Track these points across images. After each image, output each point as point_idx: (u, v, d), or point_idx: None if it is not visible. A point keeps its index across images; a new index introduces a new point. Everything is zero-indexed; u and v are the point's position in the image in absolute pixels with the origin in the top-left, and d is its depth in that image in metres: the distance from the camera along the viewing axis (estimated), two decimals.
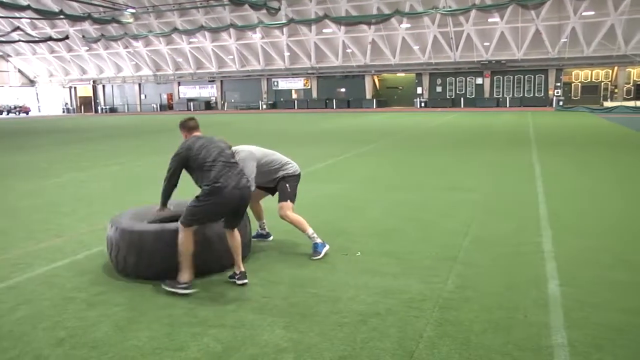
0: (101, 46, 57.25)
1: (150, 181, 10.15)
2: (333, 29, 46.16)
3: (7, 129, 31.27)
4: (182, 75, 58.57)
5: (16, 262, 5.22)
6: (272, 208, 5.68)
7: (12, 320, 3.85)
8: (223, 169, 4.34)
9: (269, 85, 55.08)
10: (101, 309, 4.01)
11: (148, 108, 60.90)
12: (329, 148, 15.40)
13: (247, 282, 4.45)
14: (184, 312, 3.90)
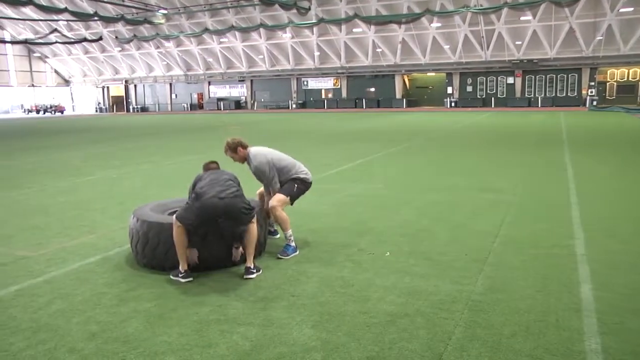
0: (133, 47, 58.25)
1: (181, 179, 10.28)
2: (363, 28, 46.04)
3: (44, 128, 32.05)
4: (213, 75, 59.16)
5: (51, 258, 5.35)
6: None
7: (48, 314, 3.95)
8: (210, 182, 4.71)
9: (299, 84, 55.24)
10: (132, 305, 4.07)
11: (179, 107, 61.71)
12: (359, 148, 15.36)
13: (254, 277, 4.62)
14: (213, 310, 3.94)
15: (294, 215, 6.86)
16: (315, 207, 7.50)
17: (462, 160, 12.42)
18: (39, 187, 9.81)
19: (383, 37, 46.75)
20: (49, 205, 8.08)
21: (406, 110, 44.47)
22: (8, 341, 3.53)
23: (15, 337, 3.59)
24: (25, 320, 3.84)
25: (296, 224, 6.22)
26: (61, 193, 9.20)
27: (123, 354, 3.30)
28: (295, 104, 54.57)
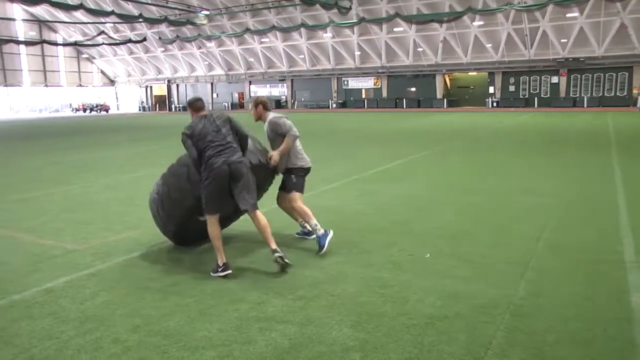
0: (176, 47, 59.32)
1: None
2: (404, 27, 45.66)
3: (90, 126, 32.98)
4: (254, 74, 59.71)
5: (97, 252, 5.52)
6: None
7: (95, 305, 4.09)
8: (213, 153, 4.80)
9: (339, 84, 55.18)
10: (174, 300, 4.16)
11: (220, 107, 62.49)
12: (399, 148, 15.26)
13: (286, 261, 4.76)
14: (252, 307, 3.98)
15: (335, 214, 6.88)
16: (355, 206, 7.50)
17: (503, 161, 12.19)
18: (85, 184, 10.10)
19: (424, 36, 46.25)
20: (95, 201, 8.31)
21: (447, 111, 43.90)
22: (59, 329, 3.68)
23: (65, 325, 3.73)
24: (74, 311, 3.98)
25: (336, 223, 6.24)
26: (106, 189, 9.46)
27: (165, 347, 3.37)
28: (335, 104, 54.55)
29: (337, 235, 5.88)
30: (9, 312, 4.00)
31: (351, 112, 44.69)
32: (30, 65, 62.80)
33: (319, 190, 8.78)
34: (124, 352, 3.33)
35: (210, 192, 4.75)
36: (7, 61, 60.05)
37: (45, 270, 4.97)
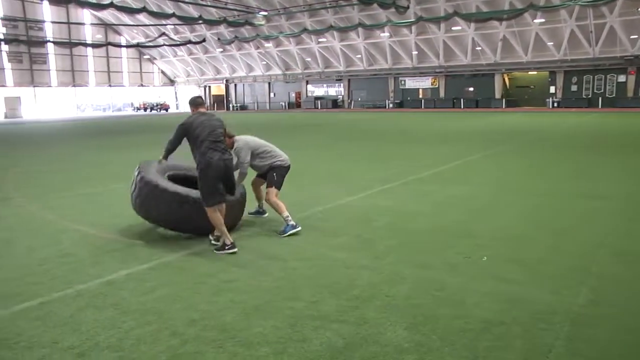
0: (234, 47, 60.38)
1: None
2: (462, 26, 44.78)
3: (150, 124, 34.05)
4: (311, 74, 60.05)
5: (156, 247, 5.69)
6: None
7: (154, 298, 4.22)
8: (210, 146, 5.45)
9: (396, 84, 54.70)
10: (230, 296, 4.24)
11: (276, 106, 63.26)
12: (457, 148, 15.00)
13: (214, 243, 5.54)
14: (307, 306, 4.01)
15: (391, 214, 6.85)
16: (412, 207, 7.43)
17: (565, 163, 11.77)
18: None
19: (483, 34, 45.20)
20: None
21: (505, 111, 42.76)
22: (120, 320, 3.83)
23: (126, 316, 3.87)
24: (134, 303, 4.13)
25: (392, 224, 6.23)
26: None
27: (220, 342, 3.45)
28: (392, 104, 54.12)
29: (394, 236, 5.87)
30: (76, 301, 4.20)
31: (408, 112, 44.24)
32: (96, 66, 65.53)
33: (376, 190, 8.75)
34: (182, 345, 3.43)
35: (209, 185, 5.42)
36: (75, 63, 62.88)
37: (107, 262, 5.17)
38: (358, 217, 6.85)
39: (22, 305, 4.14)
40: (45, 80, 60.46)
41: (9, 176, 11.63)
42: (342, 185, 9.31)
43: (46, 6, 55.51)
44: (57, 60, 61.41)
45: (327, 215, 7.08)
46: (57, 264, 5.16)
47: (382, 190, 8.79)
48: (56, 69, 61.69)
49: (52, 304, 4.15)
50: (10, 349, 3.43)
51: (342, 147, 16.50)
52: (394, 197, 8.23)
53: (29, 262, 5.25)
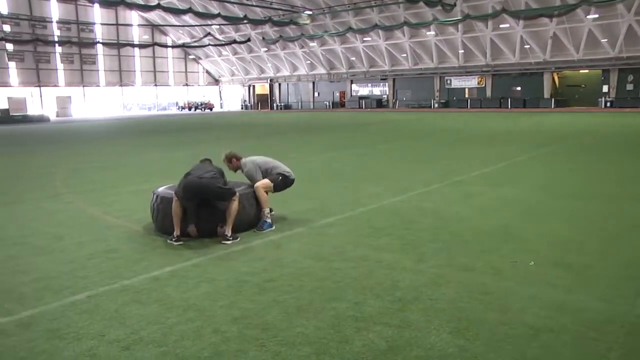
0: (279, 47, 60.89)
1: (325, 177, 10.62)
2: (511, 23, 43.79)
3: (195, 123, 34.69)
4: (355, 73, 59.97)
5: (199, 245, 5.79)
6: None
7: (196, 295, 4.30)
8: (196, 167, 6.30)
9: (442, 83, 54.06)
10: (272, 295, 4.27)
11: (321, 105, 63.43)
12: (504, 149, 14.70)
13: (229, 244, 5.74)
14: (349, 307, 4.00)
15: (434, 217, 6.78)
16: (457, 209, 7.32)
17: (615, 166, 11.37)
18: None
19: (532, 32, 44.06)
20: None
21: (555, 111, 41.59)
22: (164, 315, 3.92)
23: (170, 312, 3.96)
24: (177, 299, 4.21)
25: (435, 226, 6.17)
26: None
27: (262, 341, 3.48)
28: (437, 103, 53.51)
29: (438, 238, 5.81)
30: (121, 295, 4.32)
31: (454, 112, 43.63)
32: (142, 66, 67.25)
33: (420, 191, 8.67)
34: (224, 342, 3.48)
35: (181, 190, 5.96)
36: (123, 63, 64.74)
37: (152, 259, 5.30)
38: (402, 218, 6.80)
39: (72, 297, 4.29)
40: (94, 80, 62.51)
41: (60, 173, 12.05)
42: (386, 186, 9.26)
43: (97, 9, 57.36)
44: (105, 60, 63.42)
45: (371, 215, 7.05)
46: (104, 259, 5.32)
47: (426, 191, 8.70)
48: (104, 69, 63.72)
49: (99, 297, 4.29)
50: (62, 339, 3.56)
51: (386, 147, 16.41)
52: (438, 198, 8.13)
53: (78, 257, 5.43)
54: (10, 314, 4.00)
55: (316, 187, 9.36)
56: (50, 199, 8.93)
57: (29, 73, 57.07)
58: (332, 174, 10.92)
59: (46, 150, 18.47)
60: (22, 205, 8.35)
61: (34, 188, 10.05)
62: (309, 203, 7.93)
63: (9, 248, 5.87)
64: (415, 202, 7.89)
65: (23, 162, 15.00)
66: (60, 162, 14.53)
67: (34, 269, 5.07)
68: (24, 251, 5.74)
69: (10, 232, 6.63)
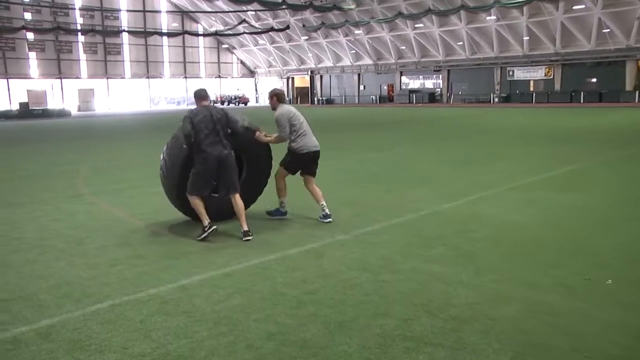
0: (321, 35, 61.19)
1: (370, 179, 10.61)
2: (586, 4, 42.62)
3: None
4: (405, 64, 59.72)
5: (232, 251, 5.88)
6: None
7: (228, 307, 4.35)
8: (210, 140, 6.33)
9: (503, 75, 53.22)
10: (311, 309, 4.29)
11: (366, 100, 63.38)
12: (573, 151, 14.38)
13: (251, 239, 6.25)
14: (398, 324, 3.98)
15: (491, 225, 6.70)
16: (516, 217, 7.20)
17: None
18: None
19: (613, 13, 42.54)
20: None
21: (638, 106, 40.33)
22: (193, 329, 3.97)
23: (199, 326, 4.02)
24: (207, 311, 4.27)
25: (493, 235, 6.09)
26: None
27: (301, 359, 3.49)
28: (497, 97, 52.73)
29: (497, 249, 5.72)
30: (147, 306, 4.40)
31: (516, 108, 42.86)
32: (171, 56, 68.65)
33: (476, 196, 8.57)
34: (258, 359, 3.51)
35: (197, 178, 6.36)
36: (150, 53, 66.19)
37: (180, 266, 5.39)
38: (456, 227, 6.73)
39: (94, 306, 4.40)
40: (118, 71, 64.11)
41: (81, 172, 12.40)
42: (438, 190, 9.19)
43: None
44: (131, 50, 64.99)
45: (421, 223, 7.00)
46: (128, 266, 5.44)
47: (483, 196, 8.59)
48: (130, 60, 65.30)
49: (123, 307, 4.38)
50: (83, 351, 3.66)
51: (439, 146, 16.27)
52: (497, 204, 8.02)
53: (100, 262, 5.58)
54: (29, 323, 4.13)
55: (360, 190, 9.35)
56: (71, 199, 9.19)
57: (49, 64, 59.01)
58: (377, 176, 10.89)
59: (67, 147, 19.06)
60: (41, 206, 8.62)
61: (53, 188, 10.37)
62: (352, 208, 7.93)
63: (27, 251, 6.07)
64: (471, 208, 7.80)
65: (42, 160, 15.52)
66: (82, 159, 14.95)
67: (54, 275, 5.22)
68: (43, 255, 5.92)
69: (29, 234, 6.85)
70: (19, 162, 15.01)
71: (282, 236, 6.48)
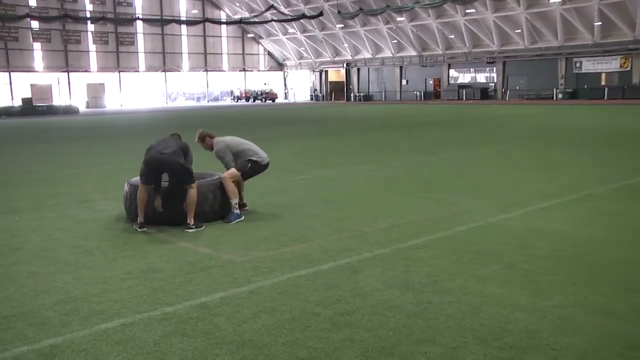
0: (358, 22, 61.24)
1: (414, 185, 10.61)
2: None
3: (255, 118, 35.42)
4: (454, 55, 59.47)
5: (257, 265, 5.91)
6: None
7: (253, 329, 4.38)
8: (159, 142, 7.76)
9: (569, 67, 52.53)
10: (347, 332, 4.28)
11: (409, 96, 63.26)
12: None
13: (192, 232, 7.26)
14: (445, 352, 3.95)
15: (557, 240, 6.62)
16: (588, 231, 7.11)
17: None
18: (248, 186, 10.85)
19: None
20: (258, 206, 8.89)
21: None
22: (213, 352, 4.01)
23: (220, 349, 4.05)
24: (230, 333, 4.30)
25: (558, 252, 6.00)
26: (270, 193, 10.07)
27: None
28: (561, 93, 52.08)
29: (562, 269, 5.65)
30: (162, 325, 4.45)
31: (584, 105, 42.30)
32: (190, 47, 69.45)
33: (537, 206, 8.48)
34: None
35: (143, 170, 7.46)
36: (167, 44, 67.07)
37: (199, 282, 5.44)
38: (513, 242, 6.67)
39: (103, 325, 4.47)
40: (132, 64, 65.10)
41: (90, 175, 12.62)
42: (493, 199, 9.12)
43: None
44: (145, 40, 65.95)
45: (473, 236, 6.95)
46: (141, 280, 5.51)
47: (545, 207, 8.50)
48: (144, 51, 66.25)
49: (135, 326, 4.44)
50: None
51: (493, 149, 16.15)
52: (562, 216, 7.91)
53: (110, 276, 5.66)
54: (30, 342, 4.21)
55: (402, 199, 9.33)
56: (79, 205, 9.37)
57: (56, 56, 60.28)
58: (423, 182, 10.85)
59: (74, 148, 19.43)
60: (46, 213, 8.80)
61: (60, 192, 10.58)
62: (393, 218, 7.91)
63: (30, 263, 6.20)
64: (532, 220, 7.72)
65: (47, 162, 15.84)
66: (92, 162, 15.22)
67: (59, 289, 5.32)
68: (48, 267, 6.04)
69: (32, 244, 7.00)
70: (21, 164, 15.37)
71: (313, 249, 6.49)
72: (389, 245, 6.62)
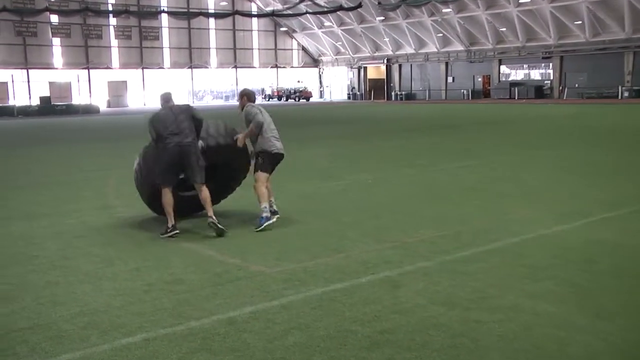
0: (400, 14, 61.11)
1: (461, 192, 10.55)
2: None
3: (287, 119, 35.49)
4: (505, 50, 59.00)
5: (289, 278, 5.93)
6: None
7: (285, 346, 4.40)
8: (169, 131, 7.74)
9: (637, 62, 51.50)
10: (387, 351, 4.28)
11: (456, 95, 62.88)
12: None
13: (220, 226, 7.61)
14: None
15: (620, 255, 6.54)
16: None
17: None
18: (278, 192, 10.90)
19: None
20: (289, 212, 8.92)
21: None
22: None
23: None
24: (259, 350, 4.33)
25: (622, 268, 5.94)
26: (303, 199, 10.12)
27: None
28: (627, 92, 51.05)
29: (626, 287, 5.59)
30: (187, 341, 4.50)
31: None
32: (218, 42, 69.99)
33: (597, 217, 8.37)
34: None
35: (161, 168, 7.72)
36: (194, 38, 67.67)
37: (227, 295, 5.48)
38: (570, 255, 6.60)
39: (124, 340, 4.53)
40: (156, 60, 65.81)
41: (111, 179, 12.80)
42: (549, 208, 9.03)
43: None
44: (171, 35, 66.61)
45: (525, 249, 6.89)
46: (165, 292, 5.58)
47: (607, 218, 8.38)
48: (170, 47, 66.92)
49: (158, 342, 4.49)
50: None
51: (549, 153, 15.95)
52: (626, 228, 7.80)
53: (132, 287, 5.74)
54: (47, 356, 4.29)
55: (446, 206, 9.28)
56: (99, 211, 9.52)
57: (76, 52, 61.28)
58: (471, 189, 10.78)
59: (95, 150, 19.72)
60: (64, 219, 8.97)
61: (78, 197, 10.77)
62: (437, 228, 7.88)
63: (47, 272, 6.32)
64: (591, 232, 7.62)
65: (66, 164, 16.11)
66: (113, 164, 15.47)
67: (78, 301, 5.41)
68: (66, 277, 6.15)
69: (49, 252, 7.14)
70: (39, 167, 15.69)
71: (350, 260, 6.50)
72: (432, 257, 6.59)
